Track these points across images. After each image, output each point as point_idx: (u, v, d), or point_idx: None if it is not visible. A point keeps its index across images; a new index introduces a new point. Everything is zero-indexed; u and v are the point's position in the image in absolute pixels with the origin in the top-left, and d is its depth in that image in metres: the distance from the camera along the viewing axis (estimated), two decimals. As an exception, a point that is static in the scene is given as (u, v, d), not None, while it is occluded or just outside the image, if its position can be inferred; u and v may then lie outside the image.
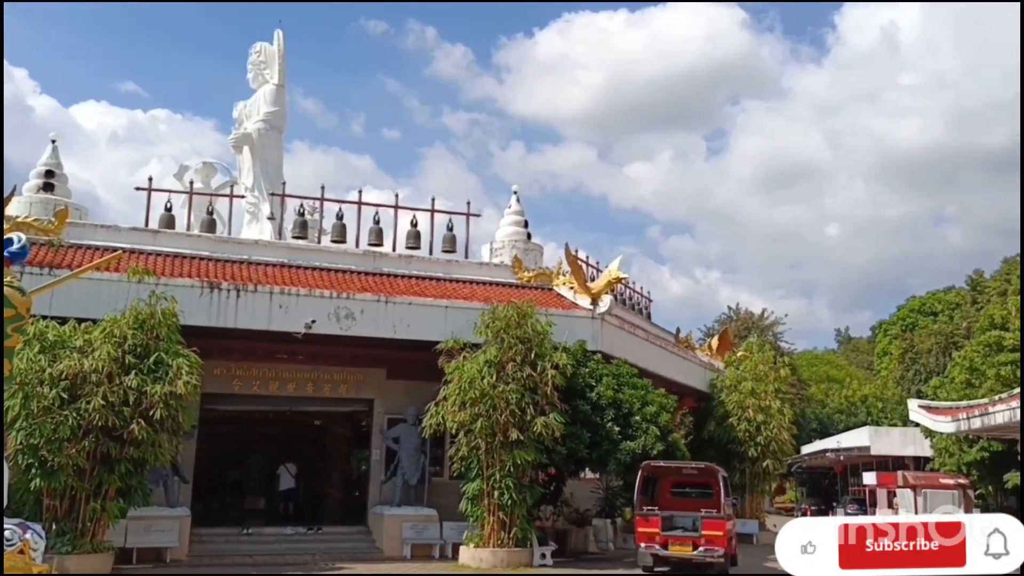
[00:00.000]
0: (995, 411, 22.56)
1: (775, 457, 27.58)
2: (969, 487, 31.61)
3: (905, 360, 49.23)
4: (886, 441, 39.51)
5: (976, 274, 56.46)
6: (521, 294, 21.00)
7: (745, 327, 56.27)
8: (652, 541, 16.21)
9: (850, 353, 78.32)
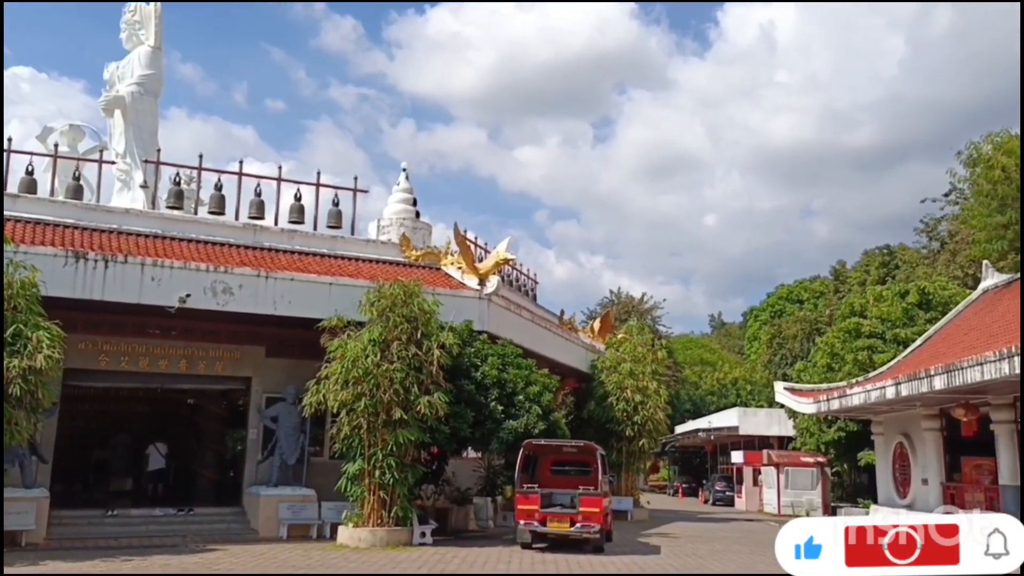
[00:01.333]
0: (852, 393, 24.04)
1: (650, 436, 28.53)
2: (827, 465, 33.84)
3: (773, 345, 51.92)
4: (753, 422, 41.61)
5: (839, 265, 60.17)
6: (408, 273, 20.82)
7: (626, 311, 57.93)
8: (531, 518, 16.51)
9: (723, 338, 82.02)
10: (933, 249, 43.86)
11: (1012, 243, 30.98)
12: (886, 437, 26.29)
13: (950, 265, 37.97)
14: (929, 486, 23.03)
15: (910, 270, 43.65)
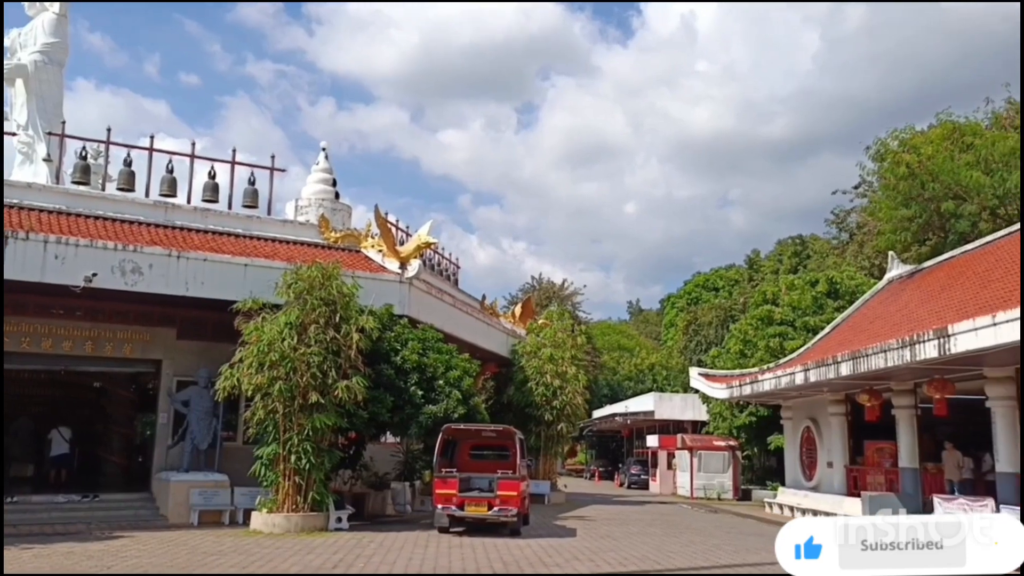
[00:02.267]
0: (763, 379, 24.85)
1: (569, 421, 28.89)
2: (738, 449, 34.91)
3: (689, 331, 53.06)
4: (668, 406, 42.55)
5: (754, 254, 61.91)
6: (327, 255, 20.45)
7: (547, 296, 58.34)
8: (449, 502, 16.50)
9: (641, 324, 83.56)
10: (843, 240, 45.54)
11: (916, 235, 32.44)
12: (795, 422, 27.29)
13: (858, 256, 39.50)
14: (834, 469, 24.03)
15: (821, 260, 45.25)
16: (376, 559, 12.75)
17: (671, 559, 14.15)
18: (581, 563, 13.16)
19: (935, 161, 30.39)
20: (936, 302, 20.00)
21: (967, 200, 30.02)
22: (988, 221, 29.12)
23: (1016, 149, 29.39)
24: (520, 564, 12.64)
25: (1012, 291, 15.74)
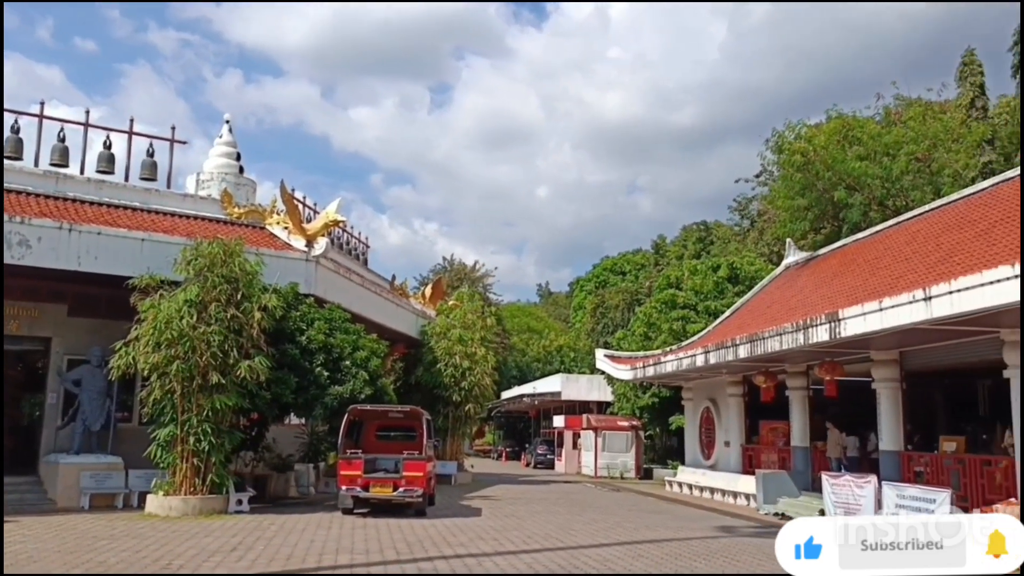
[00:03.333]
0: (666, 361, 25.52)
1: (477, 402, 29.05)
2: (641, 429, 35.81)
3: (596, 314, 53.93)
4: (575, 387, 43.23)
5: (660, 239, 63.31)
6: (230, 231, 19.82)
7: (458, 278, 58.25)
8: (354, 484, 16.35)
9: (550, 306, 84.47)
10: (744, 227, 47.10)
11: (811, 224, 33.84)
12: (695, 402, 28.16)
13: (758, 242, 40.95)
14: (731, 448, 24.96)
15: (723, 246, 46.68)
16: (277, 541, 12.53)
17: (573, 537, 14.41)
18: (485, 542, 13.26)
19: (828, 152, 31.78)
20: (829, 288, 20.91)
21: (858, 190, 31.50)
22: (877, 211, 30.63)
23: (898, 140, 31.17)
24: (424, 544, 12.64)
25: (898, 278, 16.62)
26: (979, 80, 33.62)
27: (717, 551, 13.22)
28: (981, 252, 14.22)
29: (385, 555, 11.57)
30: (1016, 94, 31.03)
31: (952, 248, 15.96)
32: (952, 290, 12.14)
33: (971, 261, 13.76)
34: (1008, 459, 14.21)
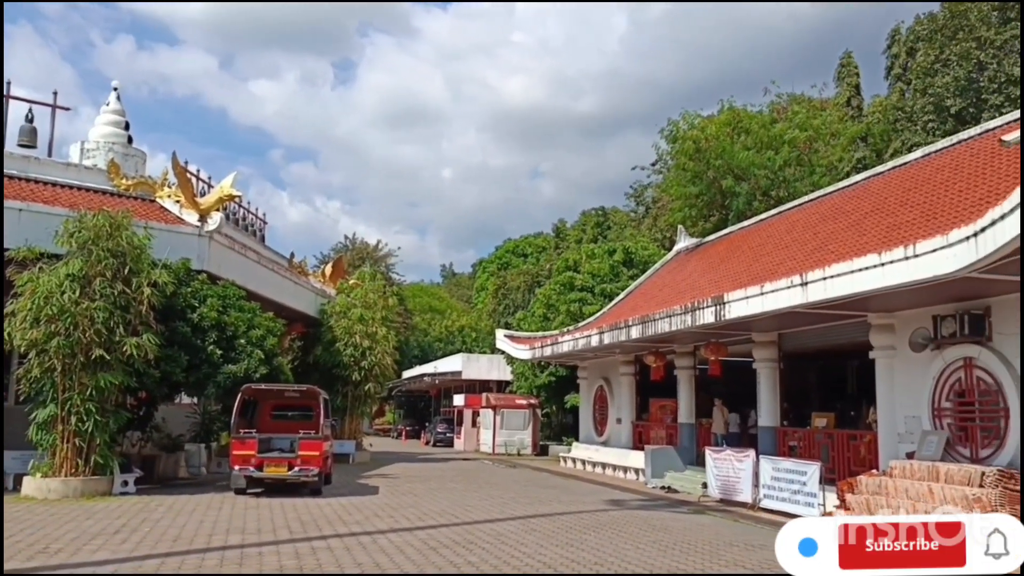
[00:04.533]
0: (563, 341, 26.09)
1: (377, 381, 28.92)
2: (538, 407, 36.53)
3: (498, 295, 54.37)
4: (476, 367, 43.64)
5: (561, 223, 64.31)
6: (117, 203, 19.05)
7: (360, 257, 57.59)
8: (247, 463, 16.14)
9: (453, 287, 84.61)
10: (640, 213, 48.38)
11: (701, 211, 35.15)
12: (589, 381, 28.93)
13: (652, 228, 42.18)
14: (622, 424, 25.80)
15: (620, 231, 47.84)
16: (164, 522, 12.29)
17: (469, 512, 14.71)
18: (381, 520, 13.39)
19: (719, 143, 33.06)
20: (716, 273, 21.84)
21: (745, 180, 32.92)
22: (762, 201, 32.09)
23: (781, 134, 32.73)
24: (319, 523, 12.67)
25: (778, 264, 17.54)
26: (855, 81, 35.71)
27: (606, 523, 13.76)
28: (853, 241, 15.18)
29: (278, 535, 11.55)
30: (888, 94, 32.97)
31: (827, 237, 16.95)
32: (825, 276, 12.95)
33: (843, 250, 14.68)
34: (872, 433, 15.29)
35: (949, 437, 13.17)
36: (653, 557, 10.35)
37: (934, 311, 13.42)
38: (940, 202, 14.02)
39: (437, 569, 9.18)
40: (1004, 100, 22.09)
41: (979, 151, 14.85)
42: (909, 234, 12.66)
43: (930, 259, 10.89)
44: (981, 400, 12.80)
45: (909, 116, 26.70)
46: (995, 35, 23.91)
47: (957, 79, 23.55)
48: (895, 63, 30.77)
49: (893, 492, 12.79)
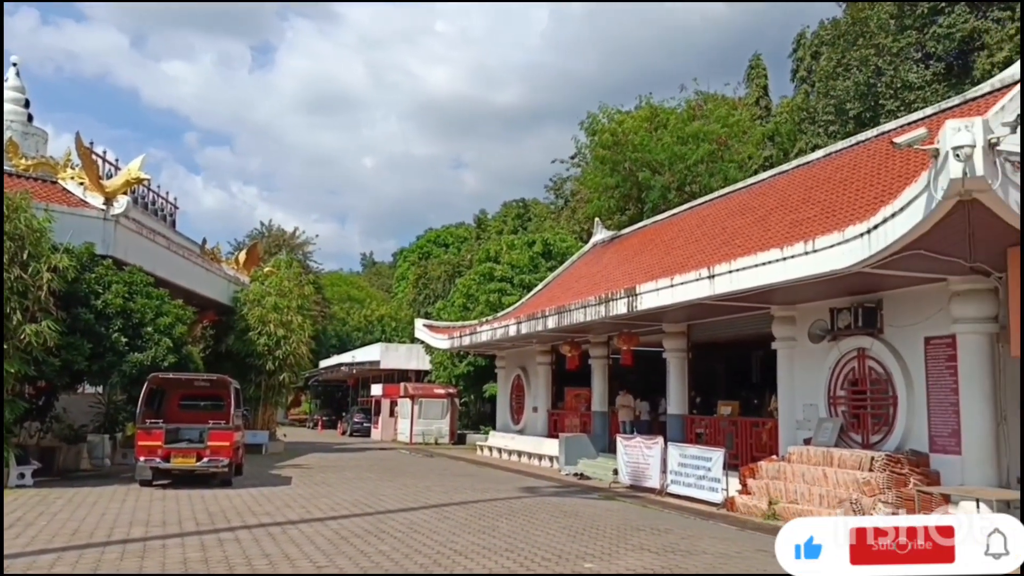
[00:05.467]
0: (481, 331, 26.25)
1: (292, 370, 28.51)
2: (456, 396, 36.65)
3: (418, 285, 54.16)
4: (394, 356, 43.46)
5: (482, 214, 64.41)
6: (15, 183, 18.20)
7: (276, 244, 56.53)
8: (153, 454, 15.73)
9: (373, 276, 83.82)
10: (559, 205, 48.93)
11: (618, 204, 35.81)
12: (507, 370, 29.20)
13: (571, 221, 42.73)
14: (538, 413, 26.16)
15: (540, 223, 48.28)
16: (63, 515, 11.89)
17: (383, 502, 14.70)
18: (292, 510, 13.27)
19: (636, 136, 33.75)
20: (630, 265, 22.33)
21: (660, 174, 33.72)
22: (675, 195, 32.92)
23: (697, 132, 33.70)
24: (227, 515, 12.47)
25: (688, 257, 18.06)
26: (763, 82, 37.05)
27: (519, 510, 13.98)
28: (758, 236, 15.77)
29: (184, 527, 11.33)
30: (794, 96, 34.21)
31: (735, 232, 17.56)
32: (731, 270, 13.46)
33: (749, 244, 15.24)
34: (773, 421, 15.98)
35: (843, 424, 13.89)
36: (563, 542, 10.60)
37: (831, 304, 14.10)
38: (839, 200, 14.69)
39: (348, 559, 9.20)
40: (899, 105, 23.23)
41: (875, 152, 15.62)
42: (810, 230, 13.25)
43: (828, 254, 11.44)
44: (872, 389, 13.53)
45: (812, 118, 27.79)
46: (892, 42, 25.07)
47: (857, 84, 24.62)
48: (800, 66, 31.98)
49: (791, 476, 13.42)
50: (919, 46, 24.70)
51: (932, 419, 12.35)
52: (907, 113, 18.81)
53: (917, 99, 22.74)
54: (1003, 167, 9.17)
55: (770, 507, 13.15)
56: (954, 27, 23.86)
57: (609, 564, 9.15)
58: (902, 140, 9.95)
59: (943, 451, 12.11)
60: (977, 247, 10.32)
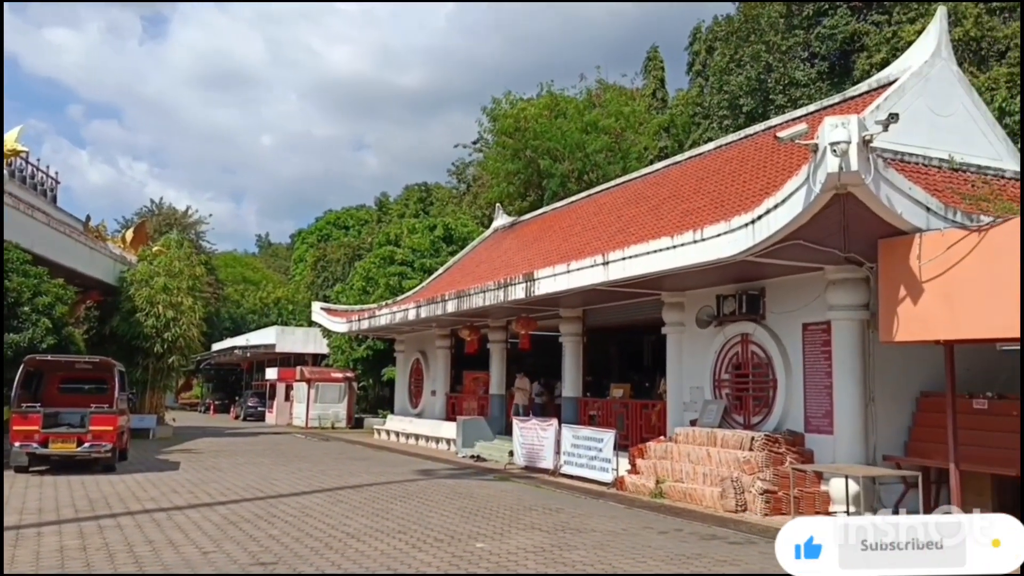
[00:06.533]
0: (380, 314, 26.03)
1: (182, 353, 27.60)
2: (355, 380, 36.27)
3: (317, 267, 53.22)
4: (291, 340, 42.65)
5: (384, 197, 63.70)
6: None
7: (167, 223, 54.49)
8: (30, 439, 14.99)
9: (269, 258, 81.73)
10: (461, 190, 48.91)
11: (519, 190, 36.11)
12: (406, 354, 29.11)
13: (473, 205, 42.82)
14: (437, 396, 26.22)
15: (442, 207, 48.16)
16: (-72, 505, 11.21)
17: (274, 486, 14.48)
18: (179, 496, 12.92)
19: (538, 123, 34.10)
20: (529, 251, 22.61)
21: (560, 162, 34.19)
22: (575, 183, 33.46)
23: (596, 120, 34.28)
24: (109, 501, 12.03)
25: (585, 244, 18.44)
26: (660, 74, 38.01)
27: (413, 492, 14.03)
28: (651, 225, 16.26)
29: (62, 513, 10.88)
30: (689, 89, 35.25)
31: (629, 220, 18.02)
32: (625, 257, 13.81)
33: (643, 232, 15.69)
34: (662, 403, 16.54)
35: (727, 406, 14.53)
36: (455, 523, 10.72)
37: (718, 291, 14.69)
38: (728, 191, 15.30)
39: (236, 543, 9.05)
40: (787, 101, 24.29)
41: (762, 146, 16.32)
42: (700, 219, 13.75)
43: (715, 243, 11.90)
44: (754, 372, 14.19)
45: (706, 112, 28.71)
46: (781, 40, 26.17)
47: (748, 79, 25.58)
48: (696, 60, 32.96)
49: (677, 456, 13.96)
50: (806, 45, 25.84)
51: (808, 401, 13.07)
52: (794, 109, 19.69)
53: (803, 96, 23.82)
54: (875, 163, 9.77)
55: (657, 486, 13.65)
56: (836, 28, 25.07)
57: (500, 543, 9.33)
58: (784, 135, 10.46)
59: (817, 431, 12.84)
60: (851, 238, 10.96)
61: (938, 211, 10.20)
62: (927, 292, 10.06)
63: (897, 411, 12.22)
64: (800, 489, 11.87)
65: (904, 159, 13.04)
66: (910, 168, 12.62)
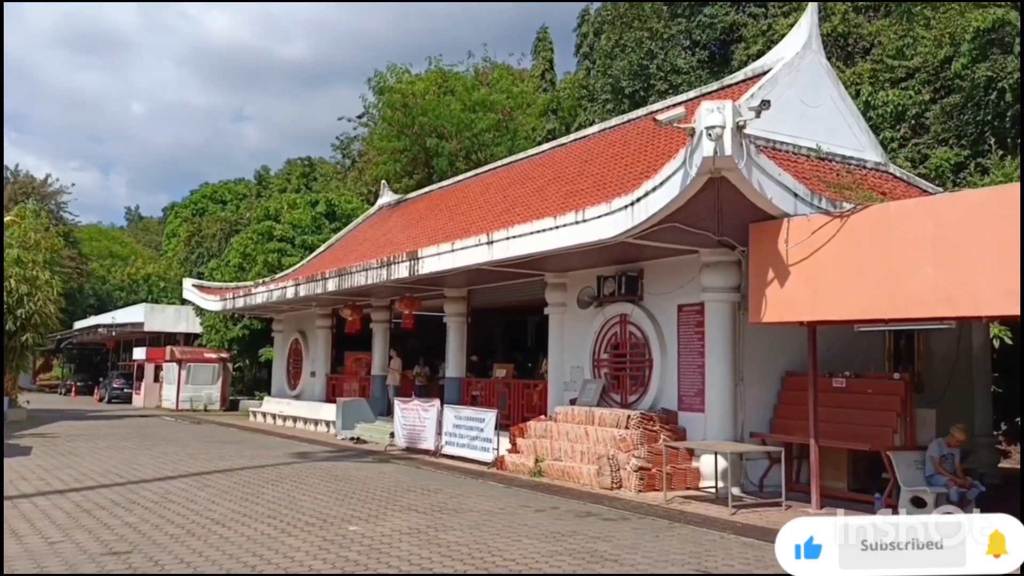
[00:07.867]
0: (256, 292, 25.05)
1: (38, 331, 25.78)
2: (229, 360, 34.92)
3: (191, 243, 50.84)
4: (161, 318, 40.70)
5: (264, 170, 61.44)
6: None
7: (24, 192, 50.99)
8: None
9: (139, 232, 77.66)
10: (346, 166, 47.74)
11: (406, 168, 35.53)
12: (285, 334, 28.23)
13: (358, 182, 41.84)
14: (316, 377, 25.55)
15: (326, 183, 46.85)
16: None
17: (137, 471, 13.73)
18: (28, 483, 12.04)
19: (426, 100, 33.60)
20: (415, 229, 22.26)
21: (447, 140, 33.85)
22: (463, 162, 33.22)
23: (484, 99, 34.10)
24: (-53, 489, 11.04)
25: (471, 224, 18.28)
26: (549, 55, 38.15)
27: (287, 476, 13.58)
28: (536, 205, 16.26)
29: None
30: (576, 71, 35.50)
31: (515, 200, 17.99)
32: (509, 236, 13.75)
33: (527, 213, 15.67)
34: (544, 382, 16.65)
35: (605, 385, 14.76)
36: (329, 506, 10.43)
37: (599, 272, 14.87)
38: (610, 173, 15.47)
39: (87, 532, 8.47)
40: (669, 87, 24.83)
41: (644, 130, 16.58)
42: (582, 201, 13.82)
43: (596, 224, 11.99)
44: (632, 352, 14.46)
45: (591, 95, 29.00)
46: (664, 27, 26.70)
47: (632, 64, 25.97)
48: (584, 42, 33.19)
49: (556, 435, 14.08)
50: (687, 34, 26.45)
51: (681, 380, 13.42)
52: (674, 95, 20.12)
53: (684, 83, 24.39)
54: (748, 149, 10.04)
55: (536, 464, 13.73)
56: (716, 18, 25.77)
57: (375, 526, 9.12)
58: (663, 118, 10.59)
59: (690, 409, 13.21)
60: (724, 222, 11.26)
61: (805, 197, 10.59)
62: (793, 275, 10.46)
63: (764, 390, 12.72)
64: (673, 466, 12.19)
65: (775, 147, 13.52)
66: (780, 156, 13.09)
